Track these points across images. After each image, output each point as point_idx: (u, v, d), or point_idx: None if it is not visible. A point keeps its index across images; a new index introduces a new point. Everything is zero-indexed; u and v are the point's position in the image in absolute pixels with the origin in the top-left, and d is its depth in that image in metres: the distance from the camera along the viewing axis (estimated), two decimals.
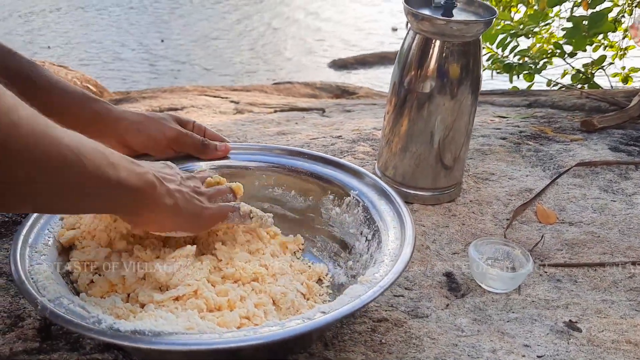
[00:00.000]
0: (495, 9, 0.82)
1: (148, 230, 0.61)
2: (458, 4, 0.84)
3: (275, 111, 1.65)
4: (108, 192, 0.50)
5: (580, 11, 1.72)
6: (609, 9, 1.50)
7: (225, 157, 0.78)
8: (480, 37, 0.84)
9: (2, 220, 0.82)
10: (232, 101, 1.81)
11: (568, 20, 1.53)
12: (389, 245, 0.61)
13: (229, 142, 0.81)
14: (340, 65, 5.47)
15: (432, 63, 0.83)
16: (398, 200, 0.67)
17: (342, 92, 2.45)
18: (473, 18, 0.82)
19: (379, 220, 0.67)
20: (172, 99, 1.82)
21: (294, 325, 0.48)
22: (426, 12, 0.81)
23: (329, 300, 0.63)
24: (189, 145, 0.77)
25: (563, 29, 1.56)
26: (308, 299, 0.63)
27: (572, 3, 1.72)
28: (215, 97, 1.86)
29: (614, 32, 1.78)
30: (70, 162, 0.45)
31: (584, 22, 1.46)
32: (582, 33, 1.44)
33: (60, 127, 0.46)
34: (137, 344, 0.45)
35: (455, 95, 0.85)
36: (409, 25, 0.84)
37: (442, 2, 0.81)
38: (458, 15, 0.82)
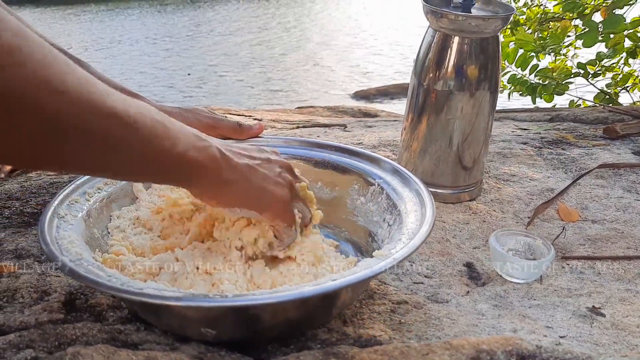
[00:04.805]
0: (514, 6, 0.83)
1: (209, 204, 0.59)
2: (476, 3, 0.85)
3: (298, 127, 1.68)
4: (163, 164, 0.49)
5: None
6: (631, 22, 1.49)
7: (259, 136, 0.82)
8: (500, 35, 0.85)
9: (32, 212, 0.84)
10: (255, 119, 1.84)
11: (584, 24, 1.53)
12: (408, 226, 0.62)
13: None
14: (362, 96, 5.54)
15: (451, 60, 0.84)
16: (418, 182, 0.68)
17: (364, 115, 2.47)
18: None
19: (401, 205, 0.67)
20: None
21: (306, 290, 0.49)
22: (445, 10, 0.83)
23: None
24: (226, 128, 0.80)
25: (577, 33, 1.56)
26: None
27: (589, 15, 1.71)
28: (238, 115, 1.90)
29: (623, 35, 1.74)
30: (121, 134, 0.43)
31: (599, 26, 1.45)
32: (597, 34, 1.43)
33: (119, 95, 0.44)
34: (145, 298, 0.46)
35: (474, 93, 0.86)
36: (428, 24, 0.86)
37: (460, 1, 0.83)
38: (477, 13, 0.84)
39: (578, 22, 1.82)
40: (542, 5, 2.00)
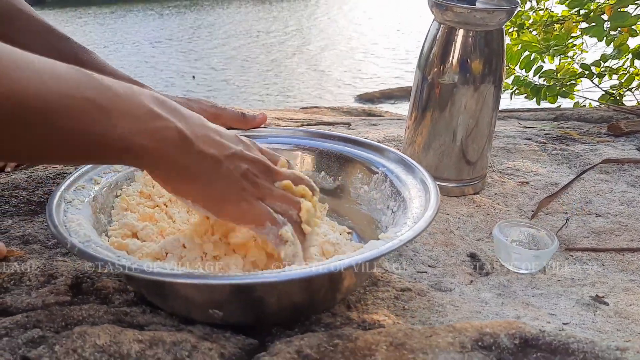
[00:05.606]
0: (519, 0, 0.84)
1: (163, 188, 0.52)
2: None
3: (302, 125, 1.68)
4: (97, 148, 0.43)
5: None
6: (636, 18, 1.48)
7: (262, 126, 0.82)
8: (504, 28, 0.86)
9: (38, 201, 0.85)
10: None
11: (590, 21, 1.53)
12: (412, 211, 0.62)
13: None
14: (366, 99, 5.56)
15: (456, 54, 0.85)
16: (422, 170, 0.68)
17: (368, 115, 2.47)
18: None
19: (405, 192, 0.67)
20: None
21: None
22: (450, 2, 0.83)
23: None
24: (229, 117, 0.80)
25: (582, 29, 1.56)
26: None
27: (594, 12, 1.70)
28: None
29: (627, 35, 1.73)
30: (28, 115, 0.38)
31: (606, 22, 1.45)
32: (602, 28, 1.43)
33: (49, 64, 0.39)
34: (155, 276, 0.47)
35: (478, 87, 0.86)
36: (433, 17, 0.87)
37: None
38: (481, 6, 0.84)
39: (583, 25, 1.82)
40: (548, 8, 2.00)
